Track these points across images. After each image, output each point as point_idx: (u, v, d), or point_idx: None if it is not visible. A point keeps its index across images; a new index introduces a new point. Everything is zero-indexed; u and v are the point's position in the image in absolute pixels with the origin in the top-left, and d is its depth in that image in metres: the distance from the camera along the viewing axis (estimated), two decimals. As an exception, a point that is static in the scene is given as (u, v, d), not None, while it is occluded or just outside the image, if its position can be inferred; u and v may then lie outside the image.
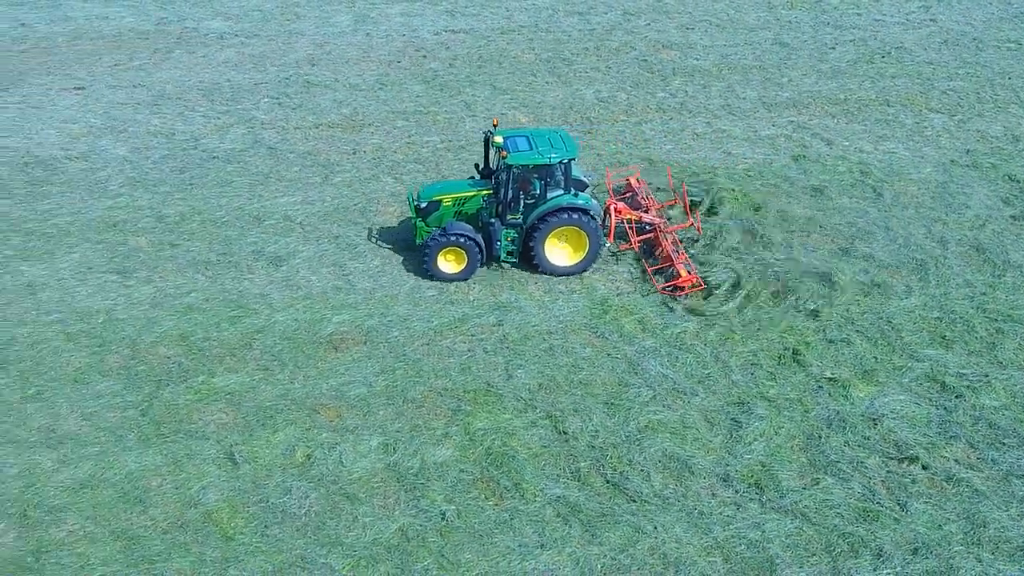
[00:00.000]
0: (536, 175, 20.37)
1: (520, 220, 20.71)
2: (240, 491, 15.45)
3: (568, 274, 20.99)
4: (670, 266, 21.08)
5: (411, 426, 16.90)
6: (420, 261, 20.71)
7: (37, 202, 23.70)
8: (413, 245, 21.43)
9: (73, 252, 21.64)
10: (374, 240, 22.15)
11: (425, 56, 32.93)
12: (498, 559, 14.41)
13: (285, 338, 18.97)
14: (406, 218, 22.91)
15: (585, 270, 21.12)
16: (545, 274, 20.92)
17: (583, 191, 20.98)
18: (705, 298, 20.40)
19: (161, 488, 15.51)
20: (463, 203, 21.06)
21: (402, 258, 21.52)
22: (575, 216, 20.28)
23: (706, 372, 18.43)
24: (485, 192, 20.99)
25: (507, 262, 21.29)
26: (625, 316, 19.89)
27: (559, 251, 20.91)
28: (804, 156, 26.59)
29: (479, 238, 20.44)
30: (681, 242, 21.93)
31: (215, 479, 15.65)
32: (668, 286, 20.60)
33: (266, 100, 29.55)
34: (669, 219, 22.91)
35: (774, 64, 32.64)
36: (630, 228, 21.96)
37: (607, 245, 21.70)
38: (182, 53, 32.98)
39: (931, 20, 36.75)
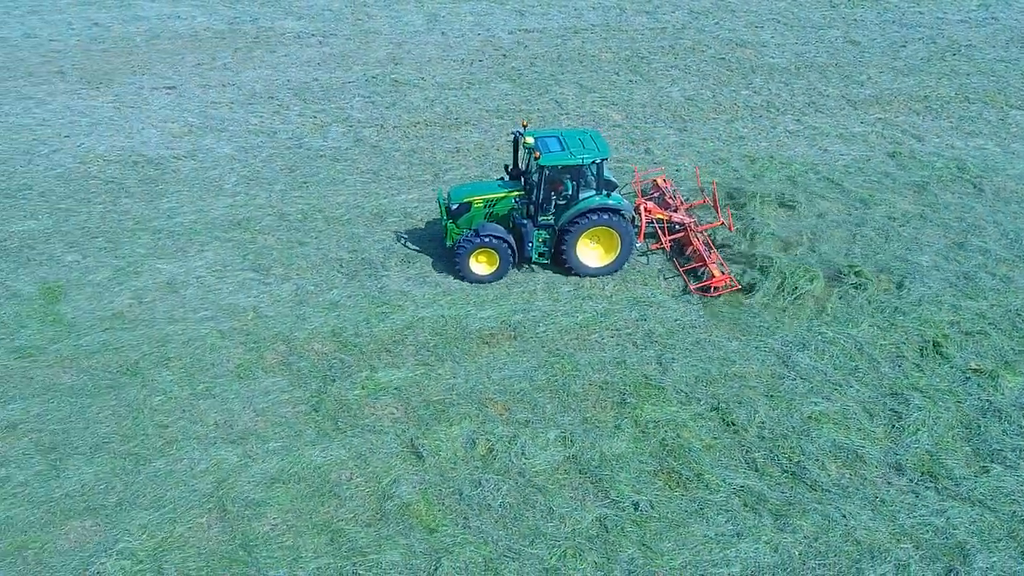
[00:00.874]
0: (568, 176, 20.22)
1: (552, 221, 20.56)
2: (431, 484, 15.67)
3: (599, 275, 20.91)
4: (703, 266, 21.02)
5: (581, 419, 17.15)
6: (452, 262, 20.66)
7: (156, 200, 23.82)
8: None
9: (205, 250, 21.77)
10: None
11: (505, 55, 33.16)
12: (698, 548, 14.68)
13: (436, 334, 19.18)
14: (434, 219, 23.03)
15: (616, 271, 21.04)
16: (577, 275, 20.87)
17: (612, 192, 20.66)
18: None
19: (352, 482, 15.70)
20: (494, 204, 20.89)
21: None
22: (608, 216, 20.18)
23: (854, 364, 18.73)
24: (516, 193, 20.82)
25: (538, 263, 21.22)
26: (762, 310, 20.17)
27: (590, 252, 20.83)
28: (899, 152, 26.98)
29: (511, 239, 20.35)
30: (713, 241, 21.99)
31: (404, 472, 15.87)
32: (702, 286, 20.57)
33: (358, 99, 29.72)
34: (698, 218, 22.91)
35: (849, 62, 33.03)
36: (660, 228, 21.98)
37: (637, 245, 21.39)
38: (263, 52, 33.08)
39: (992, 18, 37.25)
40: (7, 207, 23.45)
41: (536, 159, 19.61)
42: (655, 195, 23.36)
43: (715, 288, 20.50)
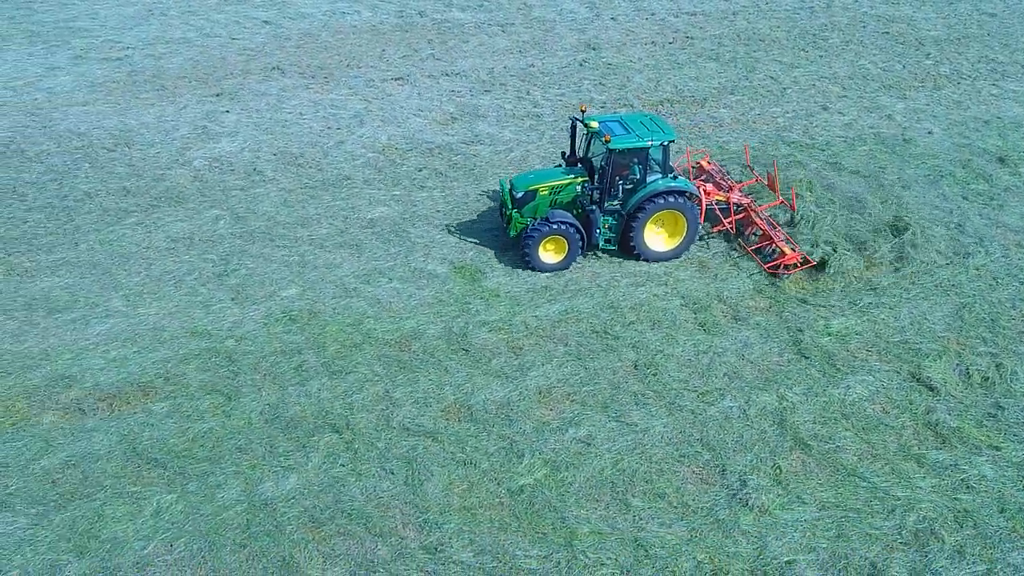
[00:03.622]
0: (635, 159, 20.18)
1: (618, 206, 20.59)
2: (960, 410, 17.07)
3: (666, 259, 20.99)
4: (770, 245, 21.14)
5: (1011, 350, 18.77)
6: (521, 252, 20.60)
7: (482, 183, 24.43)
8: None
9: (574, 225, 22.50)
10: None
11: (688, 37, 34.59)
12: None
13: (743, 298, 20.28)
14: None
15: (681, 255, 21.15)
16: (644, 260, 21.01)
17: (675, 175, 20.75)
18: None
19: (890, 414, 17.00)
20: (559, 191, 20.81)
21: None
22: (676, 199, 20.29)
23: None
24: (580, 179, 20.79)
25: (605, 249, 21.29)
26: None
27: (655, 236, 20.91)
28: (1105, 108, 29.67)
29: (579, 225, 20.27)
30: (775, 219, 22.22)
31: (927, 401, 17.19)
32: (774, 264, 20.66)
33: (586, 82, 30.69)
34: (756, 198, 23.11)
35: (998, 31, 35.80)
36: (721, 209, 22.10)
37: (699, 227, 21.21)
38: (457, 43, 33.63)
39: (1088, -10, 40.71)
40: (345, 196, 23.66)
41: (606, 142, 19.48)
42: (702, 177, 23.77)
43: (787, 266, 20.59)
